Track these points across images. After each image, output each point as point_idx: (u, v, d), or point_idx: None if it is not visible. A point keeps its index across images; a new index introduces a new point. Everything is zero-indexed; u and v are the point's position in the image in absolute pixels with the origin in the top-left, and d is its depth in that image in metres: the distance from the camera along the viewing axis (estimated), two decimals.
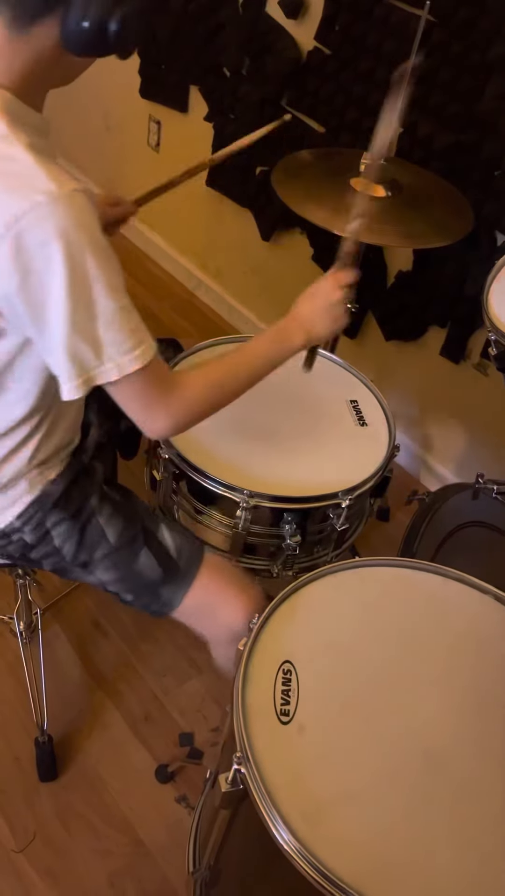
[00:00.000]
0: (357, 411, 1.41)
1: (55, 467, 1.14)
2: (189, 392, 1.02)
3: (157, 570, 1.14)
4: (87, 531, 1.14)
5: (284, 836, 0.80)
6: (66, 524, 1.13)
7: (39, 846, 1.40)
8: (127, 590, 1.17)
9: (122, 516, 1.16)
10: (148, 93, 2.51)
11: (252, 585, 1.19)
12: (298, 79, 1.97)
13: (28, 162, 0.85)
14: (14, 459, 1.08)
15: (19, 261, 0.85)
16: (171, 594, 1.15)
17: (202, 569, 1.15)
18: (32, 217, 0.83)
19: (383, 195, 1.53)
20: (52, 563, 1.17)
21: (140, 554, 1.14)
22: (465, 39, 1.59)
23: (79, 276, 0.86)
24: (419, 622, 1.05)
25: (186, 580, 1.15)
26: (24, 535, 1.13)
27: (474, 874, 0.81)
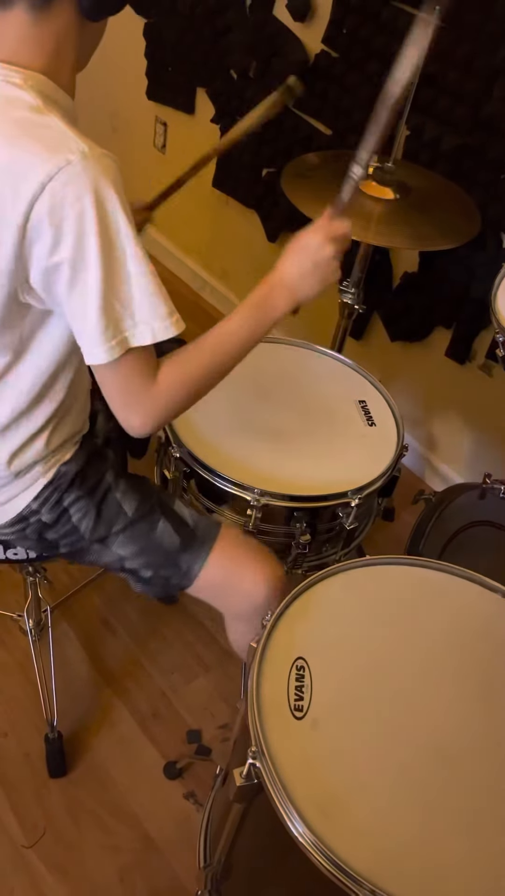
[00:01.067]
0: (366, 411, 1.42)
1: (69, 449, 1.15)
2: (166, 390, 0.99)
3: (176, 538, 1.14)
4: (105, 506, 1.14)
5: (300, 828, 0.81)
6: (83, 501, 1.13)
7: (49, 842, 1.41)
8: (146, 564, 1.15)
9: (137, 491, 1.16)
10: (155, 94, 2.52)
11: (272, 557, 1.18)
12: (305, 81, 1.98)
13: (61, 127, 0.89)
14: (32, 446, 1.09)
15: (54, 218, 0.86)
16: (191, 562, 1.13)
17: (220, 537, 1.15)
18: (65, 175, 0.85)
19: (391, 197, 1.54)
20: (69, 544, 1.17)
21: (158, 524, 1.14)
22: (472, 42, 1.60)
23: (111, 233, 0.88)
24: (431, 620, 1.06)
25: (205, 547, 1.14)
26: (41, 516, 1.14)
27: (487, 867, 0.83)
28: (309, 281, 1.05)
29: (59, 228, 0.87)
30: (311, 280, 1.05)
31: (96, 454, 1.19)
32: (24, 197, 0.86)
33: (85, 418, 1.19)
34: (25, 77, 0.91)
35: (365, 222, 1.50)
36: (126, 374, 0.96)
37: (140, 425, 1.00)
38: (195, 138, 2.46)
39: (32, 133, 0.88)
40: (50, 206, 0.86)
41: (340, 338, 1.86)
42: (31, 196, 0.86)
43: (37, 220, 0.87)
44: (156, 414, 1.00)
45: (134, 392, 0.98)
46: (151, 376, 0.98)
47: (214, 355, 1.03)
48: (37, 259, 0.90)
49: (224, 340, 1.04)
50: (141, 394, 0.98)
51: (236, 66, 2.14)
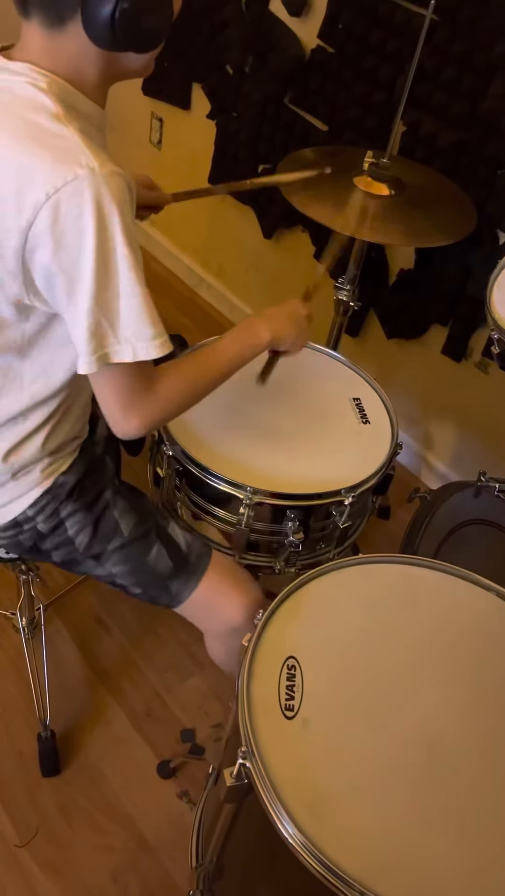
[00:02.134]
0: (360, 409, 1.41)
1: (66, 458, 1.16)
2: (165, 395, 1.04)
3: (169, 563, 1.16)
4: (102, 523, 1.16)
5: (289, 829, 0.80)
6: (80, 515, 1.15)
7: (42, 841, 1.40)
8: (136, 583, 1.18)
9: (135, 511, 1.18)
10: (150, 90, 2.51)
11: (251, 582, 1.22)
12: (301, 77, 1.98)
13: (75, 140, 0.88)
14: (29, 445, 1.10)
15: (55, 230, 0.87)
16: (181, 588, 1.17)
17: (211, 566, 1.18)
18: (71, 188, 0.86)
19: (387, 193, 1.53)
20: (62, 555, 1.18)
21: (153, 548, 1.16)
22: (468, 38, 1.59)
23: (107, 251, 0.89)
24: (423, 619, 1.05)
25: (196, 575, 1.17)
26: (37, 525, 1.14)
27: (478, 869, 0.82)
28: (286, 323, 1.19)
29: (60, 241, 0.88)
30: (289, 324, 1.19)
31: (96, 464, 1.20)
32: (29, 204, 0.87)
33: (85, 422, 1.20)
34: (50, 82, 0.91)
35: (360, 218, 1.49)
36: (123, 382, 0.99)
37: (137, 428, 1.03)
38: (191, 134, 2.45)
39: (46, 141, 0.88)
40: (53, 217, 0.87)
41: (335, 335, 1.85)
42: (35, 204, 0.86)
43: (39, 229, 0.88)
44: (152, 417, 1.04)
45: (132, 398, 1.01)
46: (149, 383, 1.02)
47: (208, 369, 1.11)
48: (39, 265, 0.91)
49: (216, 358, 1.12)
50: (139, 399, 1.01)
51: (232, 61, 2.13)
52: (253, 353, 1.16)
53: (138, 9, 0.87)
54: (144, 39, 0.92)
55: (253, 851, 1.00)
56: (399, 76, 1.72)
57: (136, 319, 0.94)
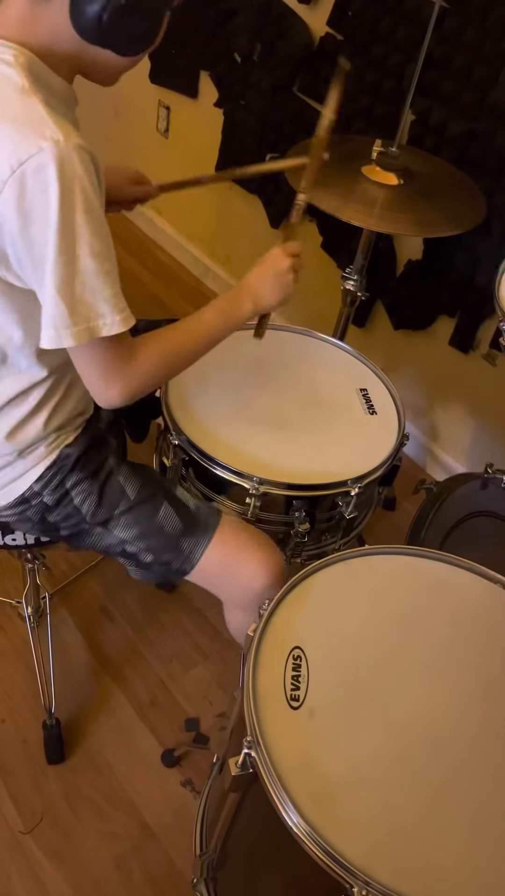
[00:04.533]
0: (367, 400, 1.41)
1: (71, 433, 1.16)
2: (146, 364, 1.04)
3: (178, 521, 1.15)
4: (107, 488, 1.16)
5: (294, 818, 0.80)
6: (85, 483, 1.15)
7: (46, 828, 1.41)
8: (147, 548, 1.16)
9: (140, 475, 1.18)
10: (158, 78, 2.50)
11: (271, 544, 1.20)
12: (310, 65, 1.96)
13: (40, 112, 0.88)
14: (31, 424, 1.11)
15: (21, 204, 0.87)
16: (193, 546, 1.15)
17: (222, 523, 1.17)
18: (35, 162, 0.85)
19: (395, 183, 1.52)
20: (70, 526, 1.17)
21: (160, 507, 1.16)
22: (479, 26, 1.58)
23: (67, 227, 0.88)
24: (428, 610, 1.05)
25: (208, 532, 1.16)
26: (43, 498, 1.15)
27: (482, 857, 0.82)
28: (269, 288, 1.16)
29: (27, 215, 0.88)
30: (271, 287, 1.16)
31: (99, 439, 1.20)
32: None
33: (89, 400, 1.20)
34: (17, 54, 0.90)
35: (368, 208, 1.48)
36: (96, 355, 0.99)
37: (118, 395, 1.03)
38: (198, 122, 2.43)
39: (9, 114, 0.87)
40: (19, 191, 0.86)
41: (342, 325, 1.84)
42: (1, 179, 0.86)
43: (7, 204, 0.87)
44: (133, 386, 1.04)
45: (111, 367, 1.01)
46: (126, 353, 1.02)
47: (189, 338, 1.11)
48: (9, 240, 0.91)
49: (198, 327, 1.12)
50: (119, 367, 1.02)
51: (240, 49, 2.12)
52: (236, 325, 1.15)
53: (129, 11, 0.87)
54: (126, 42, 0.92)
55: (257, 840, 1.00)
56: (408, 64, 1.70)
57: (92, 298, 0.93)
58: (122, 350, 1.01)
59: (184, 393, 1.35)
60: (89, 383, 1.03)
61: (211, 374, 1.38)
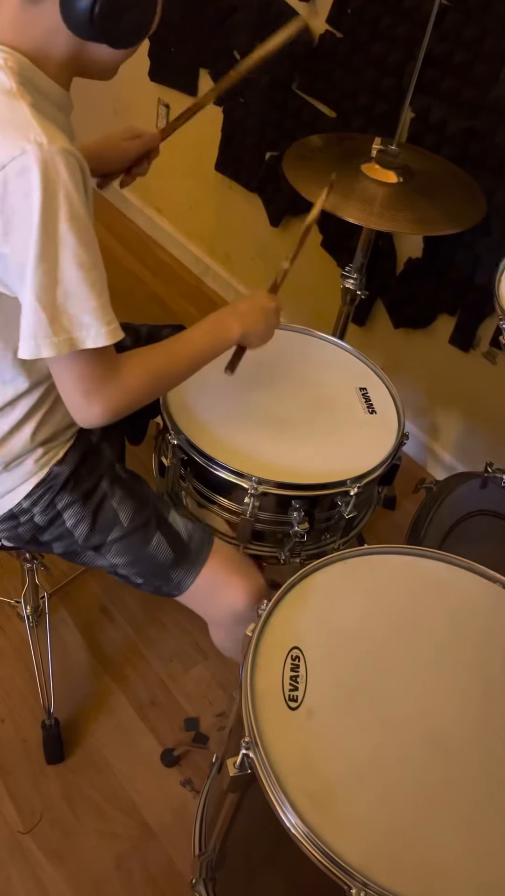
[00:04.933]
0: (366, 399, 1.40)
1: (61, 446, 1.14)
2: (131, 383, 1.01)
3: (169, 553, 1.16)
4: (100, 514, 1.15)
5: (292, 819, 0.80)
6: (77, 506, 1.14)
7: (46, 828, 1.41)
8: (138, 573, 1.18)
9: (133, 500, 1.17)
10: (157, 76, 2.49)
11: (255, 571, 1.22)
12: (309, 62, 1.96)
13: (26, 115, 0.86)
14: (17, 436, 1.09)
15: (4, 207, 0.85)
16: (183, 577, 1.16)
17: (212, 553, 1.18)
18: (18, 164, 0.84)
19: (395, 181, 1.52)
20: (63, 546, 1.17)
21: (153, 537, 1.16)
22: (479, 23, 1.57)
23: (50, 234, 0.86)
24: (427, 610, 1.05)
25: (198, 563, 1.16)
26: (34, 517, 1.14)
27: (481, 856, 0.82)
28: (257, 317, 1.16)
29: (9, 220, 0.86)
30: (258, 317, 1.17)
31: (92, 453, 1.19)
32: None
33: None
34: (7, 57, 0.89)
35: (368, 206, 1.47)
36: (79, 368, 0.96)
37: (100, 414, 0.99)
38: (198, 120, 2.42)
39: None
40: (2, 194, 0.85)
41: (342, 324, 1.84)
42: None
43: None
44: (115, 404, 1.00)
45: (94, 383, 0.97)
46: (110, 368, 0.98)
47: (176, 358, 1.09)
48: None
49: (185, 347, 1.10)
50: (101, 384, 0.98)
51: (240, 47, 2.11)
52: (223, 347, 1.14)
53: (121, 2, 0.86)
54: (120, 34, 0.90)
55: (255, 840, 1.00)
56: (408, 62, 1.70)
57: (75, 308, 0.90)
58: (106, 366, 0.97)
59: (183, 392, 1.34)
60: (68, 400, 0.99)
61: (210, 374, 1.36)
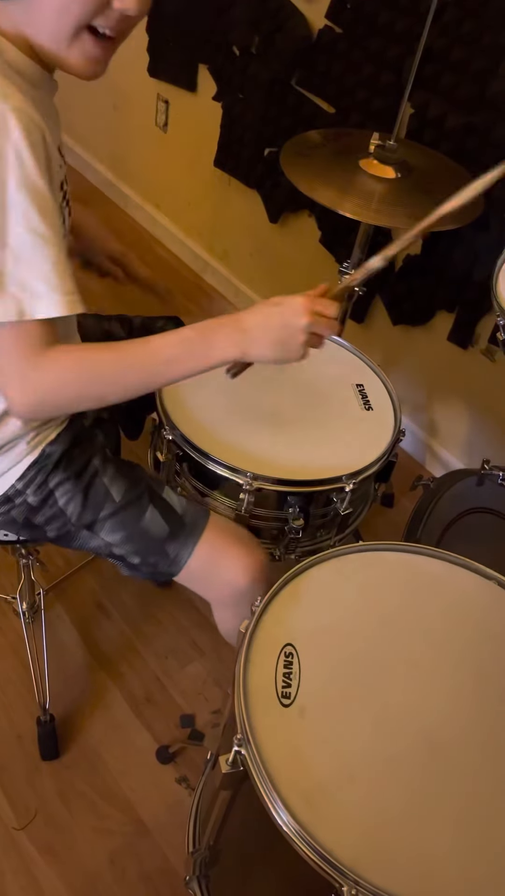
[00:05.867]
0: (363, 395, 1.40)
1: (53, 429, 1.13)
2: (50, 376, 0.92)
3: (164, 525, 1.14)
4: (92, 490, 1.13)
5: (284, 817, 0.80)
6: (69, 483, 1.12)
7: (40, 824, 1.41)
8: (134, 551, 1.15)
9: (126, 477, 1.15)
10: (156, 71, 2.49)
11: (256, 545, 1.19)
12: (308, 58, 1.95)
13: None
14: (8, 422, 1.07)
15: None
16: (179, 549, 1.14)
17: (209, 525, 1.15)
18: None
19: (393, 176, 1.51)
20: (56, 528, 1.16)
21: (146, 511, 1.14)
22: (478, 19, 1.56)
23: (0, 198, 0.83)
24: (423, 607, 1.04)
25: (194, 535, 1.14)
26: (27, 498, 1.13)
27: (473, 854, 0.81)
28: (268, 336, 0.96)
29: None
30: (270, 336, 0.96)
31: (84, 435, 1.18)
32: None
33: None
34: None
35: (366, 202, 1.47)
36: (8, 342, 0.89)
37: (15, 399, 0.93)
38: (197, 116, 2.42)
39: None
40: None
41: (340, 320, 1.83)
42: None
43: None
44: (34, 392, 0.93)
45: (12, 362, 0.90)
46: (36, 351, 0.90)
47: (126, 358, 0.95)
48: None
49: (146, 352, 0.96)
50: (19, 365, 0.90)
51: (239, 42, 2.10)
52: (200, 366, 0.96)
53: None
54: None
55: (248, 838, 1.00)
56: (407, 57, 1.69)
57: (28, 271, 0.86)
58: (28, 345, 0.90)
59: (178, 388, 1.34)
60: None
61: None
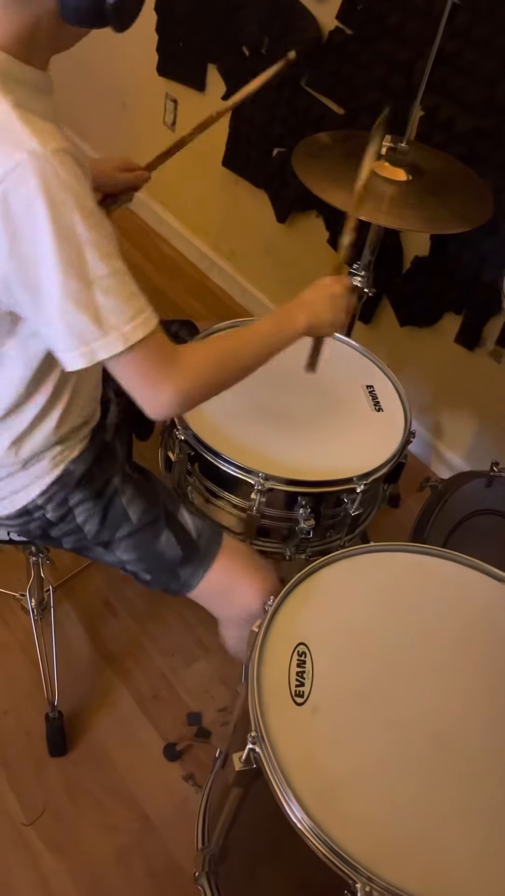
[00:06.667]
0: (373, 397, 1.41)
1: (77, 445, 1.14)
2: (194, 365, 0.98)
3: (178, 550, 1.15)
4: (110, 511, 1.15)
5: (298, 814, 0.81)
6: (89, 503, 1.14)
7: (48, 820, 1.42)
8: (146, 570, 1.18)
9: (144, 497, 1.17)
10: (165, 70, 2.49)
11: (268, 569, 1.20)
12: (318, 59, 1.95)
13: (12, 119, 0.84)
14: (35, 434, 1.08)
15: (8, 224, 0.83)
16: (190, 575, 1.16)
17: (221, 551, 1.17)
18: (16, 176, 0.81)
19: (404, 179, 1.52)
20: (72, 542, 1.18)
21: (161, 534, 1.15)
22: (489, 22, 1.57)
23: (67, 237, 0.84)
24: (433, 608, 1.05)
25: (206, 562, 1.16)
26: (46, 513, 1.14)
27: (485, 854, 0.82)
28: (325, 305, 1.15)
29: (15, 234, 0.84)
30: (326, 308, 1.15)
31: (106, 452, 1.18)
32: None
33: (95, 406, 1.18)
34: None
35: (376, 204, 1.47)
36: (138, 364, 0.93)
37: (172, 398, 0.97)
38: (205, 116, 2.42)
39: None
40: (4, 210, 0.82)
41: (348, 321, 1.83)
42: None
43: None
44: (187, 383, 0.97)
45: (157, 371, 0.95)
46: (169, 358, 0.96)
47: (242, 345, 1.08)
48: None
49: (249, 337, 1.09)
50: (164, 369, 0.95)
51: (248, 42, 2.11)
52: (290, 338, 1.11)
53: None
54: (125, 18, 0.88)
55: (259, 835, 1.00)
56: (418, 60, 1.69)
57: (115, 302, 0.88)
58: (165, 350, 0.95)
59: None
60: (138, 395, 0.96)
61: None
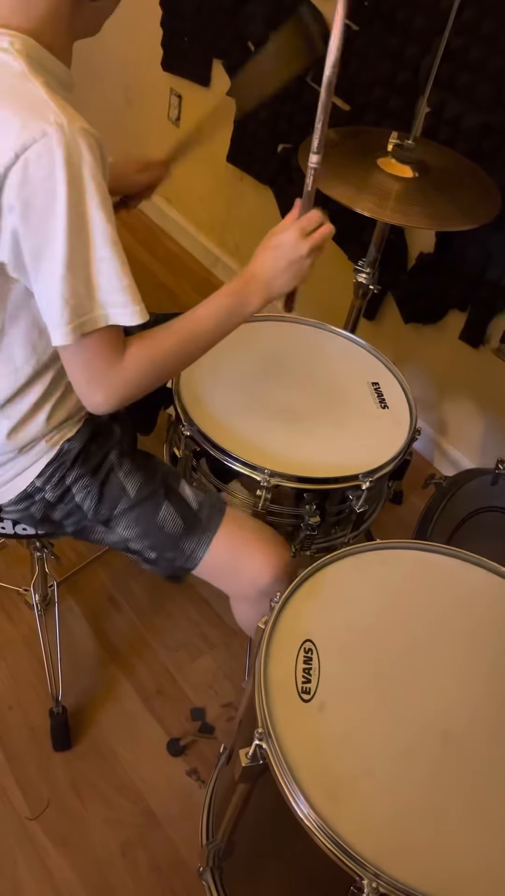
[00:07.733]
0: (378, 393, 1.40)
1: (72, 426, 1.15)
2: (132, 372, 0.98)
3: (179, 522, 1.14)
4: (107, 486, 1.14)
5: (305, 810, 0.81)
6: (85, 479, 1.13)
7: (53, 814, 1.42)
8: (150, 546, 1.16)
9: (141, 472, 1.16)
10: (170, 65, 2.48)
11: (277, 538, 1.19)
12: (324, 54, 1.94)
13: (42, 96, 0.86)
14: (31, 422, 1.09)
15: (23, 191, 0.84)
16: (195, 546, 1.14)
17: (225, 520, 1.15)
18: (39, 147, 0.83)
19: (410, 175, 1.51)
20: (74, 523, 1.17)
21: (161, 507, 1.14)
22: (496, 18, 1.56)
23: (79, 214, 0.86)
24: (439, 605, 1.05)
25: (209, 532, 1.14)
26: (45, 494, 1.14)
27: (492, 851, 0.83)
28: (283, 278, 1.07)
29: (29, 204, 0.85)
30: (284, 277, 1.07)
31: (102, 430, 1.19)
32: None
33: None
34: (13, 40, 0.88)
35: (382, 200, 1.47)
36: (89, 354, 0.95)
37: (103, 401, 0.99)
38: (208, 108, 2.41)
39: (11, 100, 0.85)
40: (22, 178, 0.84)
41: (353, 318, 1.83)
42: (4, 165, 0.84)
43: (8, 190, 0.85)
44: (119, 391, 0.99)
45: (97, 370, 0.96)
46: (116, 355, 0.97)
47: (183, 339, 1.03)
48: (6, 230, 0.88)
49: (195, 326, 1.04)
50: (105, 371, 0.97)
51: (254, 37, 2.10)
52: (240, 321, 1.07)
53: None
54: None
55: (265, 831, 1.01)
56: (424, 56, 1.69)
57: (109, 283, 0.91)
58: (113, 352, 0.96)
59: (196, 384, 1.35)
60: (76, 385, 0.99)
61: (223, 366, 1.38)
